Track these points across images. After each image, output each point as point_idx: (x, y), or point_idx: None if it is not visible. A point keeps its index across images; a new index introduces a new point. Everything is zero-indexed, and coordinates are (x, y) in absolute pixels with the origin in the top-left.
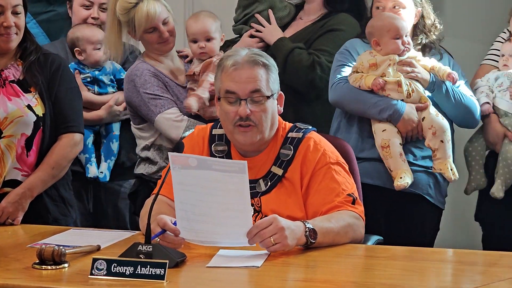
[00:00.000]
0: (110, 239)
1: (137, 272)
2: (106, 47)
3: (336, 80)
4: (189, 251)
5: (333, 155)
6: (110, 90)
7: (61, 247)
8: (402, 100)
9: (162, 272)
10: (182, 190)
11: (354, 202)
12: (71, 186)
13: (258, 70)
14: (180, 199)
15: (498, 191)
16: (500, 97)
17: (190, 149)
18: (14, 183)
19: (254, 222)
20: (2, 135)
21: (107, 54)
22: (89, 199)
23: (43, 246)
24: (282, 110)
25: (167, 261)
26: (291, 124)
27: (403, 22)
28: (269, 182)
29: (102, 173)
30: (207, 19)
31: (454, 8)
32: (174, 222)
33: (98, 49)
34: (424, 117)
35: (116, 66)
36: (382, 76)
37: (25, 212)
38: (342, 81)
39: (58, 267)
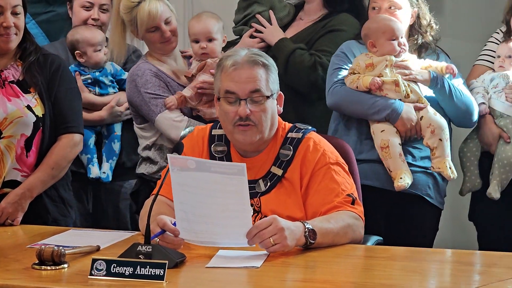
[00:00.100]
0: (109, 240)
1: (136, 272)
2: (110, 46)
3: (333, 83)
4: (188, 252)
5: (332, 155)
6: (111, 91)
7: (60, 248)
8: (400, 100)
9: (162, 272)
10: (182, 191)
11: (353, 203)
12: (71, 186)
13: (257, 70)
14: (179, 200)
15: (495, 192)
16: (495, 98)
17: (190, 149)
18: (13, 184)
19: (254, 222)
20: (1, 136)
21: (108, 55)
22: (89, 200)
23: (43, 246)
24: (282, 110)
25: (167, 261)
26: (291, 124)
27: (398, 23)
28: (268, 182)
29: (105, 173)
30: (210, 20)
31: (453, 8)
32: (173, 222)
33: (99, 50)
34: (422, 116)
35: (116, 67)
36: (379, 76)
37: (24, 212)
38: (339, 84)
39: (57, 268)
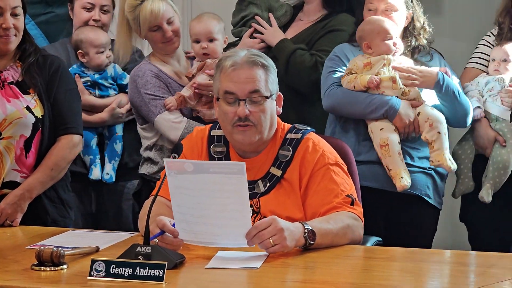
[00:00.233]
0: (109, 241)
1: (136, 273)
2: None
3: (328, 86)
4: (188, 253)
5: (331, 156)
6: (112, 92)
7: (59, 249)
8: (397, 97)
9: (161, 273)
10: (180, 194)
11: (353, 203)
12: (73, 187)
13: (257, 70)
14: (177, 203)
15: (487, 195)
16: (491, 101)
17: (189, 150)
18: (13, 185)
19: (253, 223)
20: (1, 137)
21: (111, 58)
22: (91, 200)
23: (42, 247)
24: (281, 111)
25: (166, 262)
26: (290, 125)
27: (392, 23)
28: (268, 183)
29: (108, 174)
30: (211, 20)
31: (452, 9)
32: (173, 223)
33: (101, 52)
34: (419, 112)
35: (118, 70)
36: (376, 75)
37: (23, 213)
38: (334, 86)
39: (57, 269)
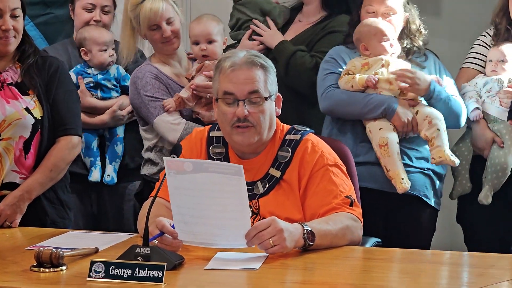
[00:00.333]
0: (108, 242)
1: (135, 274)
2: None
3: (325, 88)
4: (187, 254)
5: (330, 157)
6: (114, 94)
7: (59, 250)
8: (395, 97)
9: (160, 274)
10: (179, 195)
11: (352, 204)
12: (75, 188)
13: (256, 71)
14: (176, 204)
15: (486, 197)
16: (489, 102)
17: (188, 151)
18: (12, 186)
19: (252, 224)
20: (0, 138)
21: (113, 57)
22: (92, 202)
23: (41, 248)
24: (280, 112)
25: (165, 263)
26: (289, 126)
27: (389, 25)
28: (267, 184)
29: (109, 176)
30: (210, 22)
31: (450, 10)
32: (172, 224)
33: (104, 50)
34: (417, 110)
35: (121, 71)
36: (374, 75)
37: (23, 214)
38: (331, 88)
39: (56, 270)
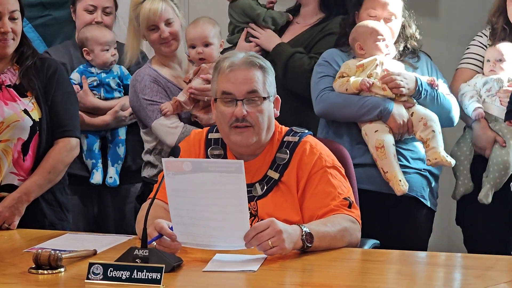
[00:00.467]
0: (106, 244)
1: (133, 276)
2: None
3: (320, 91)
4: (185, 256)
5: (329, 159)
6: (117, 95)
7: (57, 252)
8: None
9: (159, 276)
10: (177, 197)
11: (350, 206)
12: (76, 190)
13: (254, 71)
14: (174, 206)
15: (487, 197)
16: (489, 102)
17: (187, 152)
18: (10, 188)
19: (251, 226)
20: None
21: (115, 56)
22: (94, 204)
23: (40, 250)
24: (279, 114)
25: (163, 265)
26: (287, 128)
27: (385, 26)
28: (265, 186)
29: (112, 178)
30: (206, 25)
31: (448, 11)
32: (171, 227)
33: (106, 50)
34: (412, 112)
35: (123, 71)
36: (369, 77)
37: (21, 216)
38: (326, 91)
39: (54, 272)
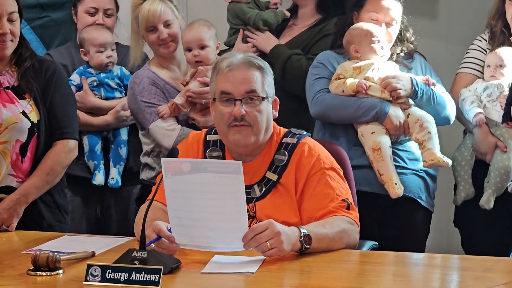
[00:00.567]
0: (104, 245)
1: (131, 278)
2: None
3: (315, 93)
4: (184, 257)
5: (327, 160)
6: (117, 94)
7: (55, 254)
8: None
9: (157, 278)
10: (176, 198)
11: (348, 208)
12: (78, 192)
13: (253, 71)
14: (172, 207)
15: (488, 202)
16: (490, 107)
17: (185, 154)
18: (8, 190)
19: (249, 228)
20: None
21: (111, 58)
22: (96, 205)
23: (38, 252)
24: (277, 115)
25: (162, 267)
26: (286, 129)
27: (379, 28)
28: (263, 188)
29: (114, 179)
30: (201, 28)
31: (447, 12)
32: (169, 228)
33: (101, 52)
34: (408, 114)
35: (124, 72)
36: (365, 79)
37: (19, 218)
38: (322, 93)
39: (52, 274)
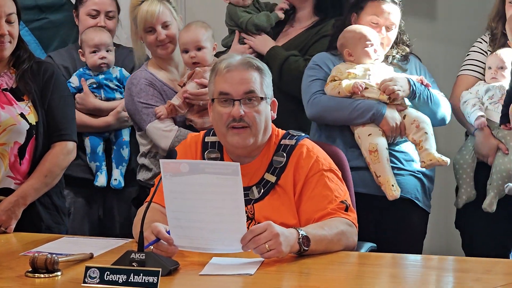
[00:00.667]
0: (103, 247)
1: (130, 280)
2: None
3: (311, 94)
4: (182, 259)
5: (326, 162)
6: (118, 95)
7: (54, 255)
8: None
9: (155, 280)
10: (174, 199)
11: (347, 209)
12: (81, 193)
13: (252, 72)
14: (171, 208)
15: (491, 205)
16: (492, 109)
17: (183, 155)
18: (7, 191)
19: (248, 229)
20: None
21: (105, 60)
22: (98, 206)
23: (36, 254)
24: (276, 116)
25: (160, 269)
26: (284, 131)
27: (373, 31)
28: (262, 189)
29: (116, 180)
30: (198, 29)
31: (445, 13)
32: (168, 230)
33: (94, 52)
34: (405, 115)
35: (124, 73)
36: None
37: (18, 220)
38: (318, 94)
39: (51, 275)
